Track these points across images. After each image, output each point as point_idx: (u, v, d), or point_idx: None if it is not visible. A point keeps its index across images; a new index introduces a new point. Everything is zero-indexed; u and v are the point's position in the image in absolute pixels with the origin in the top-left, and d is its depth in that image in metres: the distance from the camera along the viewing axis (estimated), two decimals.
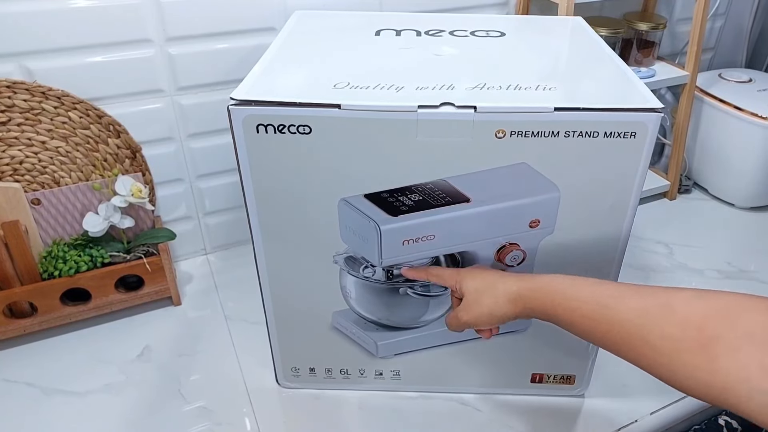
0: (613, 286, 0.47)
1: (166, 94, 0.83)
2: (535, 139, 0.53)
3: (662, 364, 0.41)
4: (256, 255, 0.62)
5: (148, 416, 0.70)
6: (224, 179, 0.93)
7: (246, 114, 0.52)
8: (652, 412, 0.71)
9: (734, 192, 1.12)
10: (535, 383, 0.72)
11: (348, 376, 0.71)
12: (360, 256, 0.62)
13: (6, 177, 0.78)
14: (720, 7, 1.20)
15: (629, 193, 0.56)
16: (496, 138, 0.53)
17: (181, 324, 0.84)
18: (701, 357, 0.38)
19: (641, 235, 1.04)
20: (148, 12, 0.77)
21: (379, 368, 0.71)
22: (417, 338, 0.68)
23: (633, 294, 0.45)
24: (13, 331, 0.78)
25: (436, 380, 0.72)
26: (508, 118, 0.52)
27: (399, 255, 0.60)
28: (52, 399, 0.72)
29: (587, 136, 0.52)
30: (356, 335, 0.68)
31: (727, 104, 1.05)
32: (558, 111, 0.51)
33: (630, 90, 0.56)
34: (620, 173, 0.55)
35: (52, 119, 0.77)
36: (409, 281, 0.64)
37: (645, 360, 0.42)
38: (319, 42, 0.69)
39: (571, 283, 0.49)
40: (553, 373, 0.71)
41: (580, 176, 0.55)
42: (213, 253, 0.98)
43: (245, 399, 0.72)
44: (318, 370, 0.71)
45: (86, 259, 0.79)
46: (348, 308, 0.66)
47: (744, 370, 0.36)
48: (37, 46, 0.74)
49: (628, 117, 0.52)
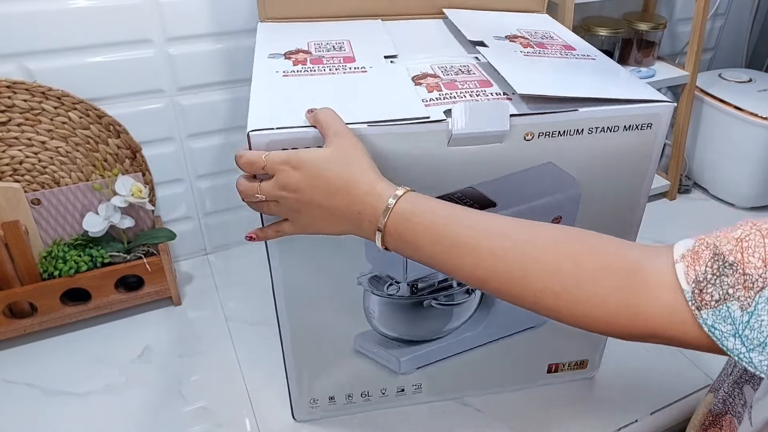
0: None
1: (166, 94, 0.83)
2: (561, 138, 0.54)
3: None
4: (274, 286, 0.59)
5: (148, 417, 0.70)
6: (224, 179, 0.93)
7: (269, 140, 0.49)
8: (652, 412, 0.71)
9: (734, 192, 1.12)
10: (551, 373, 0.74)
11: (369, 398, 0.70)
12: (385, 274, 0.61)
13: (6, 177, 0.78)
14: (720, 7, 1.20)
15: (643, 178, 0.59)
16: (524, 141, 0.53)
17: (181, 324, 0.84)
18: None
19: (641, 235, 1.03)
20: (148, 12, 0.76)
21: (401, 384, 0.70)
22: (438, 349, 0.68)
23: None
24: (13, 331, 0.78)
25: (457, 387, 0.72)
26: (537, 120, 0.52)
27: (424, 268, 0.59)
28: (52, 399, 0.72)
29: (608, 131, 0.54)
30: (378, 355, 0.66)
31: (727, 104, 1.05)
32: (583, 109, 0.52)
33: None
34: (636, 162, 0.57)
35: (52, 119, 0.77)
36: (433, 293, 0.64)
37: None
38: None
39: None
40: (568, 360, 0.73)
41: (599, 169, 0.57)
42: (213, 253, 0.98)
43: (245, 399, 0.72)
44: (338, 398, 0.69)
45: (86, 259, 0.79)
46: (369, 329, 0.64)
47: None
48: (37, 46, 0.74)
49: (645, 109, 0.54)
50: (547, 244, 0.43)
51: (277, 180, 0.47)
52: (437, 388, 0.71)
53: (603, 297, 0.40)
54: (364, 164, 0.47)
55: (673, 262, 0.39)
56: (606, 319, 0.41)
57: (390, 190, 0.46)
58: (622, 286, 0.40)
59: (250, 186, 0.49)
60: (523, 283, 0.42)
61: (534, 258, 0.42)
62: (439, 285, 0.64)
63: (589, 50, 0.66)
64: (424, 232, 0.45)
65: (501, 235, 0.44)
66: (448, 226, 0.44)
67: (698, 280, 0.37)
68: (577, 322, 0.42)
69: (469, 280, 0.45)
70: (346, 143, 0.47)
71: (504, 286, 0.43)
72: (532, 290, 0.42)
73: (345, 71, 0.59)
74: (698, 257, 0.38)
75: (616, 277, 0.40)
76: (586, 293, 0.41)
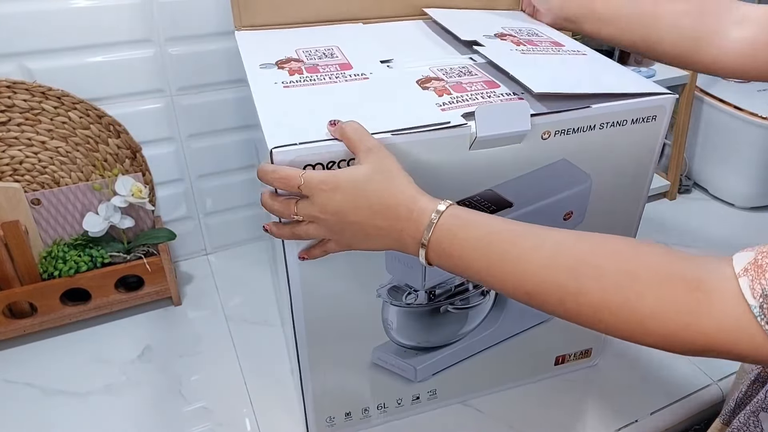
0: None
1: (166, 94, 0.83)
2: (575, 135, 0.55)
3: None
4: (293, 305, 0.57)
5: (148, 417, 0.70)
6: (224, 179, 0.93)
7: (294, 156, 0.47)
8: (652, 412, 0.71)
9: (734, 192, 1.12)
10: (558, 365, 0.75)
11: (385, 410, 0.69)
12: (404, 283, 0.61)
13: (6, 177, 0.78)
14: None
15: (647, 168, 0.61)
16: (542, 140, 0.54)
17: (181, 324, 0.84)
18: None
19: (641, 235, 1.04)
20: (148, 12, 0.76)
21: (416, 392, 0.69)
22: (453, 353, 0.68)
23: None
24: (13, 332, 0.78)
25: (470, 388, 0.72)
26: (555, 118, 0.53)
27: (441, 273, 0.58)
28: (52, 399, 0.72)
29: (617, 125, 0.56)
30: (396, 366, 0.66)
31: (727, 104, 1.05)
32: (596, 105, 0.54)
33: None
34: (641, 154, 0.59)
35: (52, 119, 0.77)
36: (450, 297, 0.63)
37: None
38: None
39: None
40: (574, 350, 0.74)
41: (607, 163, 0.58)
42: (213, 253, 0.98)
43: (245, 399, 0.72)
44: (354, 413, 0.68)
45: (86, 259, 0.79)
46: (387, 341, 0.64)
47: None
48: (37, 46, 0.74)
49: (651, 102, 0.56)
50: (604, 256, 0.41)
51: (315, 201, 0.46)
52: (451, 391, 0.71)
53: (664, 312, 0.39)
54: (402, 179, 0.46)
55: (735, 275, 0.37)
56: (664, 332, 0.39)
57: (432, 204, 0.45)
58: (683, 300, 0.39)
59: (286, 205, 0.48)
60: (578, 298, 0.41)
61: (591, 272, 0.41)
62: (456, 290, 0.64)
63: (575, 46, 0.67)
64: (471, 247, 0.44)
65: (552, 248, 0.42)
66: (496, 239, 0.44)
67: (765, 294, 0.36)
68: (632, 336, 0.41)
69: (516, 294, 0.44)
70: (381, 159, 0.46)
71: (554, 301, 0.42)
72: (588, 305, 0.41)
73: (346, 79, 0.58)
74: (762, 270, 0.36)
75: (677, 290, 0.39)
76: (646, 308, 0.39)
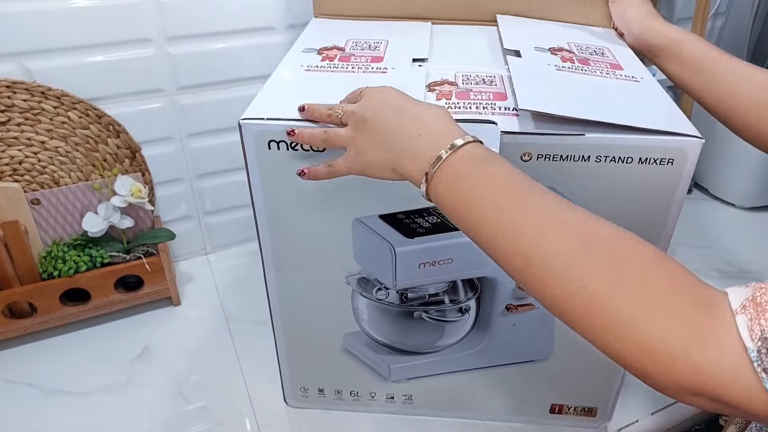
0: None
1: (166, 94, 0.83)
2: (564, 163, 0.50)
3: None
4: (266, 273, 0.60)
5: (148, 416, 0.70)
6: (224, 179, 0.93)
7: (257, 130, 0.50)
8: (653, 412, 0.71)
9: (734, 192, 1.12)
10: (554, 414, 0.69)
11: (358, 398, 0.69)
12: (373, 277, 0.60)
13: (6, 177, 0.78)
14: (720, 7, 1.20)
15: (663, 224, 0.52)
16: (522, 161, 0.50)
17: (181, 324, 0.84)
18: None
19: None
20: (148, 12, 0.76)
21: (391, 392, 0.69)
22: (431, 363, 0.66)
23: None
24: (13, 331, 0.78)
25: (450, 406, 0.69)
26: (536, 140, 0.49)
27: (414, 278, 0.58)
28: (53, 399, 0.72)
29: (620, 161, 0.50)
30: (368, 358, 0.66)
31: None
32: (589, 135, 0.49)
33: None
34: (654, 202, 0.52)
35: (52, 119, 0.77)
36: (423, 305, 0.62)
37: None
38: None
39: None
40: (574, 404, 0.68)
41: (611, 203, 0.52)
42: (213, 253, 0.98)
43: (245, 399, 0.72)
44: (327, 392, 0.69)
45: (86, 259, 0.79)
46: (359, 330, 0.64)
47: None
48: (37, 46, 0.74)
49: (665, 142, 0.48)
50: (619, 246, 0.37)
51: (365, 95, 0.48)
52: (429, 402, 0.69)
53: (670, 325, 0.33)
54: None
55: (731, 311, 0.32)
56: (662, 348, 0.34)
57: (460, 131, 0.44)
58: (695, 316, 0.33)
59: (328, 106, 0.49)
60: (575, 284, 0.36)
61: (602, 258, 0.36)
62: (430, 298, 0.62)
63: (637, 72, 0.61)
64: (486, 185, 0.40)
65: (568, 225, 0.38)
66: (514, 190, 0.40)
67: (764, 337, 0.31)
68: (616, 341, 0.36)
69: (506, 262, 0.39)
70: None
71: (548, 281, 0.37)
72: (586, 293, 0.36)
73: (366, 71, 0.59)
74: (762, 309, 0.31)
75: (685, 303, 0.34)
76: (648, 311, 0.34)
